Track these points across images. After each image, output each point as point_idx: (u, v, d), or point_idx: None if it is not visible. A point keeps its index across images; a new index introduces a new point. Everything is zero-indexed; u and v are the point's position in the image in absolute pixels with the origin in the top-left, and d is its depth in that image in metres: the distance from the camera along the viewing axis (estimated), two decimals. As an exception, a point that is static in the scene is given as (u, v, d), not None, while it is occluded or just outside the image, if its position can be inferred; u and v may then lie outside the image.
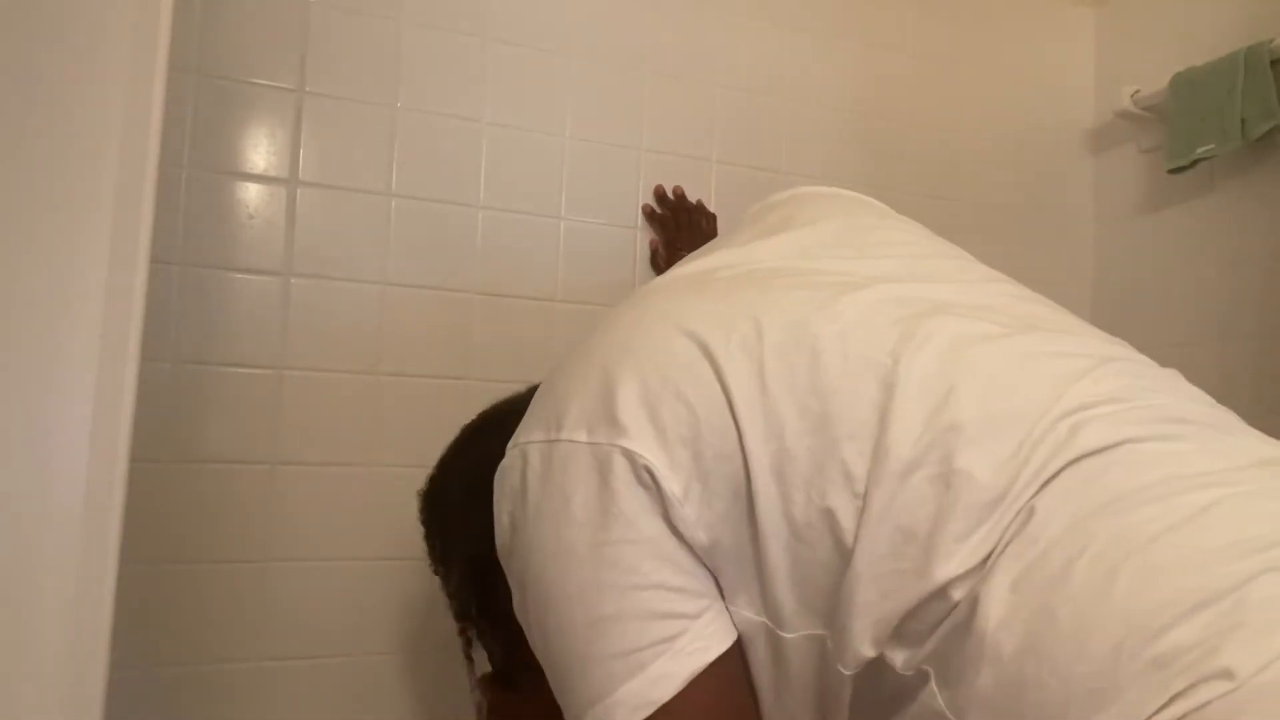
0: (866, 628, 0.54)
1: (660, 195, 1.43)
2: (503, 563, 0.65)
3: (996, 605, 0.49)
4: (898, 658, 0.54)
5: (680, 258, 1.34)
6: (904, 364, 0.57)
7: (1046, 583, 0.49)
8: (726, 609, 0.60)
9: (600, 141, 1.42)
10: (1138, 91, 1.61)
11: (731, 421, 0.58)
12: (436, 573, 0.91)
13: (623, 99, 1.44)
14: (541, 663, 0.62)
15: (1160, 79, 1.55)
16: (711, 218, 1.44)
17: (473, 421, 0.89)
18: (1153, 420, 0.55)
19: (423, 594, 1.27)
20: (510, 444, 0.65)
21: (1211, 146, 1.45)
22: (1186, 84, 1.50)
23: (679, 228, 1.40)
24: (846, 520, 0.55)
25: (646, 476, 0.57)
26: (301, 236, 1.25)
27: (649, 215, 1.44)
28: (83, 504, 0.57)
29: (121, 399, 0.59)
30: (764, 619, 0.59)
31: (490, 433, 0.74)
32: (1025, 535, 0.51)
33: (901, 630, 0.53)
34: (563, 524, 0.59)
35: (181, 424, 1.18)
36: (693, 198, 1.45)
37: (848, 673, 0.55)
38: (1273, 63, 1.38)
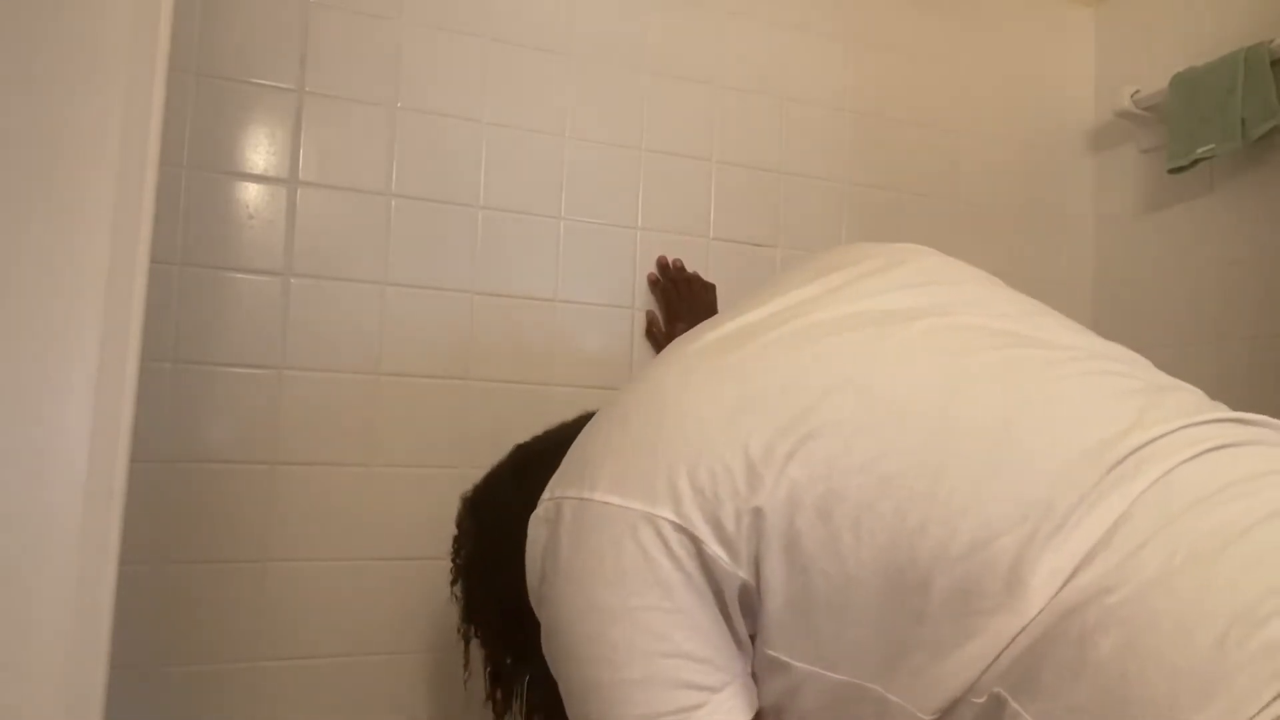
0: (954, 672, 0.53)
1: (663, 265, 1.43)
2: (533, 605, 0.66)
3: (1089, 611, 0.49)
4: (969, 690, 0.53)
5: (678, 330, 1.33)
6: (956, 403, 0.58)
7: (1141, 583, 0.49)
8: (750, 683, 0.61)
9: (600, 141, 1.42)
10: (1138, 91, 1.61)
11: (777, 470, 0.58)
12: (454, 582, 0.91)
13: (623, 99, 1.44)
14: (566, 706, 0.64)
15: (1160, 79, 1.55)
16: (710, 287, 1.43)
17: (528, 445, 0.88)
18: (1219, 436, 0.56)
19: (422, 594, 1.27)
20: (546, 493, 0.66)
21: (1211, 146, 1.45)
22: (1186, 84, 1.50)
23: (679, 297, 1.40)
24: (902, 558, 0.54)
25: (683, 543, 0.58)
26: (301, 236, 1.25)
27: (653, 285, 1.43)
28: (83, 504, 0.57)
29: (121, 399, 0.59)
30: (815, 667, 0.58)
31: (546, 464, 0.73)
32: (1112, 544, 0.51)
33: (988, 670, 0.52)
34: (595, 583, 0.60)
35: (181, 424, 1.18)
36: (692, 196, 1.46)
37: (928, 717, 0.55)
38: (1273, 63, 1.38)
